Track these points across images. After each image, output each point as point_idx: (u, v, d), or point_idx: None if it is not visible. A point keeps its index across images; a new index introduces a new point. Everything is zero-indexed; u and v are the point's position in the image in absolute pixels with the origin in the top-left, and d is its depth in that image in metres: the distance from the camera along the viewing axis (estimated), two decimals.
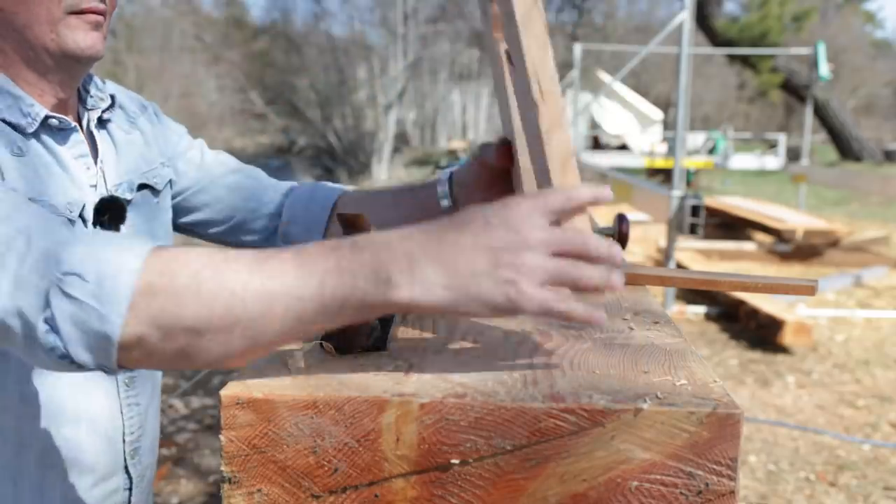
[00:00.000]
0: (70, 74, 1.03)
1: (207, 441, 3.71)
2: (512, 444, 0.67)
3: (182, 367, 0.71)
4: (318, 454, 0.68)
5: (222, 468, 0.69)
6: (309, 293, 0.67)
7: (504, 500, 0.68)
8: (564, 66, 15.10)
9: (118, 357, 0.69)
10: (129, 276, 0.67)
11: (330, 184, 1.33)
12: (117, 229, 1.09)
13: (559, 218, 0.70)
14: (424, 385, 0.71)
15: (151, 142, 1.20)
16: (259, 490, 0.69)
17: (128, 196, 1.11)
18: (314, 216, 1.25)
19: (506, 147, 1.02)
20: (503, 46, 0.93)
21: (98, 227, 1.06)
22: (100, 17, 0.99)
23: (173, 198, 1.26)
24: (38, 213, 0.75)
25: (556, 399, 0.68)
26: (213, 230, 1.30)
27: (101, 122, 1.12)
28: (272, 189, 1.30)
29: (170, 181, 1.23)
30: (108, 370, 0.71)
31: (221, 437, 0.69)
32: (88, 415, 1.05)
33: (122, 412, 1.10)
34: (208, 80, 21.14)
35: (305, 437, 0.68)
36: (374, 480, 0.68)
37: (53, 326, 0.68)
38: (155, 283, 0.67)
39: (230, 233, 1.30)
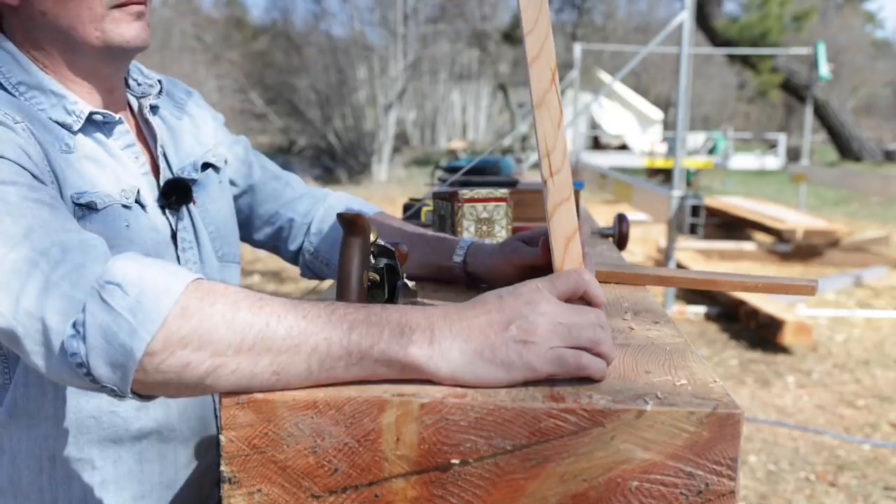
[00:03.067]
0: (116, 67, 1.04)
1: None
2: (512, 444, 0.67)
3: (201, 393, 0.71)
4: (318, 454, 0.68)
5: (222, 468, 0.69)
6: (337, 336, 0.69)
7: (504, 500, 0.68)
8: (564, 67, 15.09)
9: (136, 377, 0.68)
10: (168, 298, 0.68)
11: (361, 200, 1.34)
12: (187, 209, 1.11)
13: (567, 299, 0.75)
14: (424, 385, 0.71)
15: (201, 125, 1.21)
16: (259, 490, 0.69)
17: (194, 176, 1.13)
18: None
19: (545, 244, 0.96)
20: None
21: (167, 210, 1.08)
22: (142, 7, 1.01)
23: (244, 190, 1.28)
24: (77, 229, 0.78)
25: (557, 399, 0.68)
26: (256, 236, 1.32)
27: (153, 109, 1.13)
28: (308, 198, 1.31)
29: (225, 161, 1.24)
30: (118, 393, 0.70)
31: (221, 438, 0.69)
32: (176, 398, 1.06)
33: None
34: (208, 80, 21.14)
35: (305, 437, 0.68)
36: (374, 480, 0.68)
37: (81, 332, 0.68)
38: (191, 306, 0.68)
39: (270, 240, 1.32)
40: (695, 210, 5.98)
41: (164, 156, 1.11)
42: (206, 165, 1.17)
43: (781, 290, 1.01)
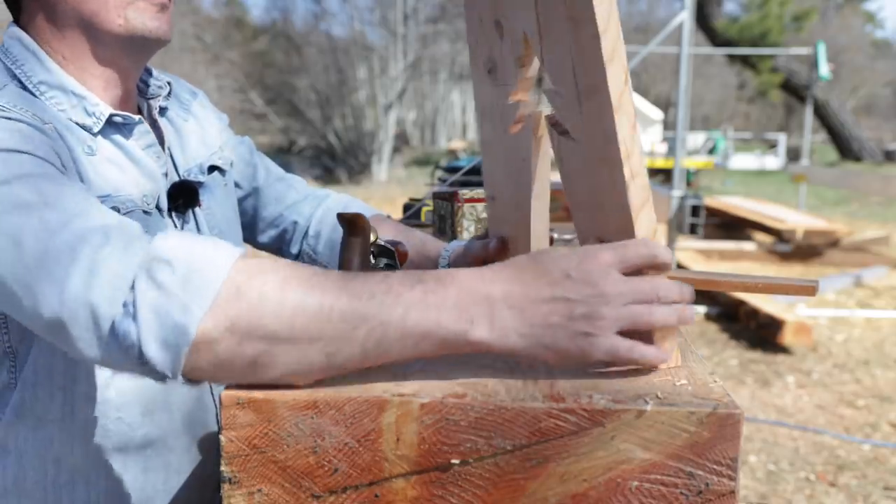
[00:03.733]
0: (136, 59, 1.04)
1: None
2: (512, 444, 0.67)
3: (251, 378, 0.69)
4: (318, 454, 0.68)
5: (222, 468, 0.69)
6: (393, 319, 0.68)
7: (504, 500, 0.68)
8: None
9: (188, 359, 0.67)
10: (217, 272, 0.67)
11: (360, 203, 1.34)
12: (192, 212, 1.10)
13: (636, 272, 0.73)
14: (424, 385, 0.71)
15: (206, 127, 1.21)
16: (259, 490, 0.69)
17: (200, 179, 1.13)
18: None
19: (502, 246, 1.06)
20: (524, 110, 0.92)
21: (173, 213, 1.07)
22: (166, 0, 1.00)
23: (250, 193, 1.28)
24: (115, 215, 0.76)
25: (557, 399, 0.68)
26: (260, 238, 1.32)
27: (161, 110, 1.13)
28: (311, 200, 1.31)
29: (231, 163, 1.24)
30: (168, 376, 0.69)
31: (221, 437, 0.69)
32: (178, 405, 1.05)
33: (213, 398, 1.11)
34: (208, 80, 21.13)
35: (306, 437, 0.68)
36: (374, 480, 0.68)
37: (133, 312, 0.67)
38: (242, 284, 0.67)
39: (274, 242, 1.32)
40: (695, 210, 5.99)
41: (171, 158, 1.10)
42: (212, 168, 1.17)
43: (782, 290, 1.00)
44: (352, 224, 0.93)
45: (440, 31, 23.59)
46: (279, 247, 1.32)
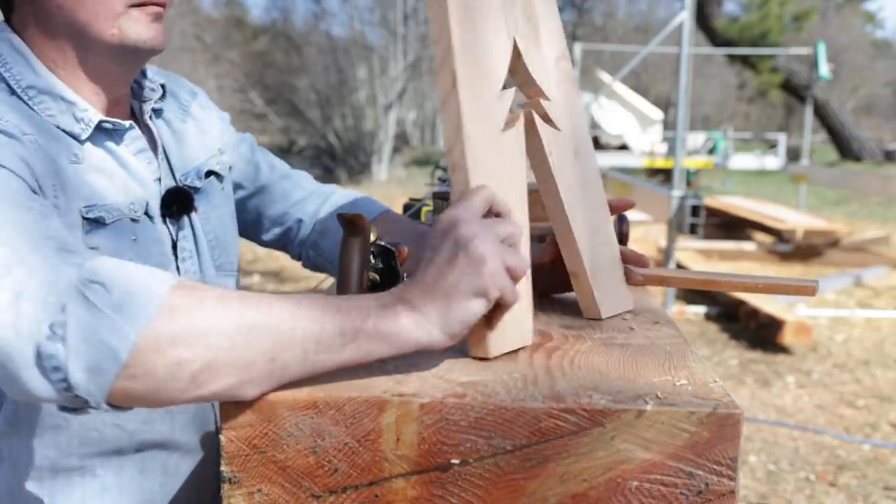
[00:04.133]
0: (128, 68, 1.03)
1: None
2: (512, 444, 0.67)
3: (194, 394, 0.68)
4: (318, 454, 0.69)
5: (222, 468, 0.69)
6: (329, 318, 0.69)
7: (504, 500, 0.68)
8: None
9: (121, 384, 0.65)
10: (155, 297, 0.66)
11: (370, 198, 1.32)
12: (188, 217, 1.09)
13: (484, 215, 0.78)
14: (424, 385, 0.71)
15: (206, 129, 1.19)
16: (259, 490, 0.69)
17: (197, 184, 1.12)
18: None
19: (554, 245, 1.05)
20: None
21: (167, 219, 1.06)
22: (160, 9, 1.00)
23: (252, 191, 1.27)
24: (59, 237, 0.74)
25: (557, 399, 0.68)
26: (265, 236, 1.31)
27: (156, 112, 1.12)
28: (316, 196, 1.30)
29: (229, 167, 1.23)
30: (89, 405, 0.67)
31: (221, 437, 0.69)
32: (181, 409, 1.04)
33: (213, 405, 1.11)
34: (208, 79, 21.12)
35: (305, 437, 0.68)
36: (374, 480, 0.68)
37: (61, 334, 0.65)
38: (181, 304, 0.67)
39: (279, 240, 1.31)
40: (695, 210, 5.98)
41: (168, 161, 1.09)
42: (209, 173, 1.16)
43: (781, 290, 1.01)
44: (351, 224, 0.92)
45: None
46: (283, 244, 1.32)
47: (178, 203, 1.07)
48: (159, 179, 1.06)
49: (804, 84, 19.10)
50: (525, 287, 0.83)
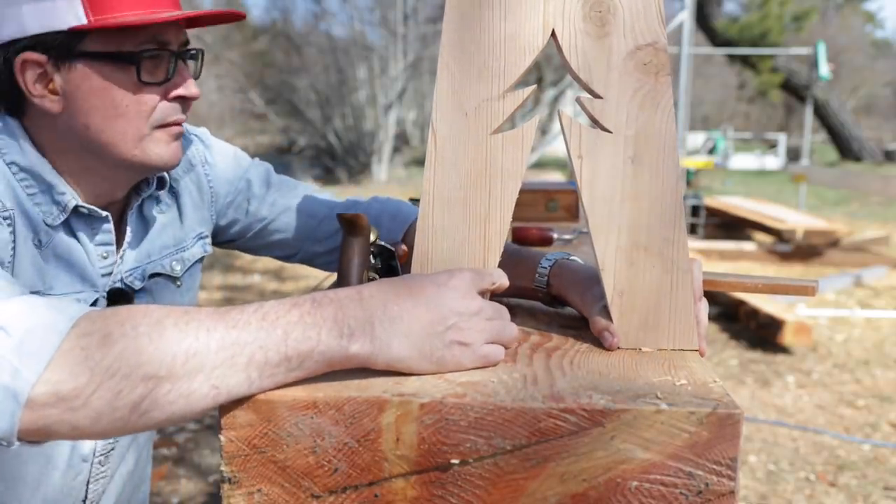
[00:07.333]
0: (135, 178, 1.03)
1: (207, 441, 3.71)
2: (512, 444, 0.67)
3: (139, 424, 0.66)
4: (318, 454, 0.68)
5: (222, 468, 0.69)
6: (273, 342, 0.68)
7: (504, 500, 0.68)
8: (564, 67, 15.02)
9: (29, 420, 0.64)
10: (55, 336, 0.65)
11: (407, 205, 1.27)
12: None
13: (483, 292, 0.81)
14: (424, 385, 0.71)
15: (190, 212, 1.16)
16: (259, 490, 0.69)
17: (136, 285, 1.09)
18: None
19: None
20: None
21: None
22: (181, 128, 1.00)
23: (247, 232, 1.24)
24: None
25: (556, 399, 0.68)
26: (288, 257, 1.29)
27: (140, 203, 1.10)
28: (331, 215, 1.26)
29: (201, 258, 1.20)
30: (4, 442, 0.65)
31: (221, 437, 0.69)
32: (47, 485, 1.03)
33: (87, 485, 1.09)
34: (208, 80, 21.12)
35: (305, 437, 0.68)
36: (374, 480, 0.68)
37: None
38: (114, 332, 0.65)
39: (305, 261, 1.29)
40: (695, 210, 5.98)
41: (122, 260, 1.07)
42: (154, 275, 1.12)
43: (782, 290, 1.00)
44: (352, 224, 0.92)
45: (440, 30, 23.46)
46: (311, 262, 1.30)
47: (120, 301, 1.05)
48: (110, 275, 1.05)
49: (804, 84, 19.12)
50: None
